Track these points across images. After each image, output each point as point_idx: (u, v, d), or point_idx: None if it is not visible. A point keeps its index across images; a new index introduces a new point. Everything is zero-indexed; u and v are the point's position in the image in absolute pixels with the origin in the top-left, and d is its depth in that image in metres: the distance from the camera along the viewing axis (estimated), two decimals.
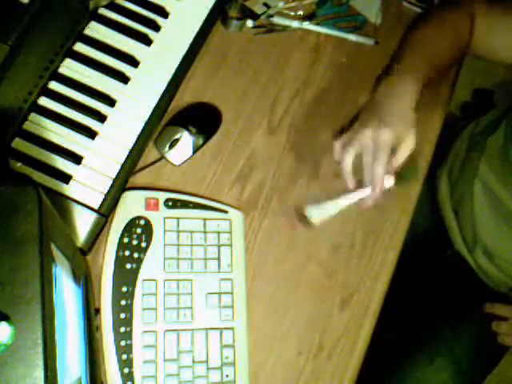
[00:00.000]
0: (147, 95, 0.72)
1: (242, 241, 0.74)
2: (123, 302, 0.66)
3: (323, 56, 0.85)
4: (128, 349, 0.65)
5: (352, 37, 0.87)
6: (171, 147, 0.73)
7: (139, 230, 0.69)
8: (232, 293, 0.71)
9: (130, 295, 0.67)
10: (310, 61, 0.85)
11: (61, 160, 0.67)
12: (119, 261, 0.67)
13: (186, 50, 0.75)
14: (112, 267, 0.67)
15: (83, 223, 0.65)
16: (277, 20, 0.84)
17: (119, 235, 0.68)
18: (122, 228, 0.68)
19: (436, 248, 1.04)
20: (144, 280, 0.68)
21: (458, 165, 0.98)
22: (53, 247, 0.41)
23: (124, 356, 0.65)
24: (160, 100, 0.72)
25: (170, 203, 0.71)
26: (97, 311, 0.65)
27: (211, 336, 0.69)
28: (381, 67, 0.80)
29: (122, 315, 0.66)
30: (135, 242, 0.68)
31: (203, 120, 0.77)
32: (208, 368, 0.68)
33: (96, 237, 0.66)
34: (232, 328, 0.70)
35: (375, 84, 0.79)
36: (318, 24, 0.86)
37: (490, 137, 0.91)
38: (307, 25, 0.85)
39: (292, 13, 0.86)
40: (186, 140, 0.73)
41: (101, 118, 0.70)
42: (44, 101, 0.69)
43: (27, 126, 0.67)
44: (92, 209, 0.66)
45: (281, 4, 0.85)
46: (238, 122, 0.79)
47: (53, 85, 0.69)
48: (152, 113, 0.72)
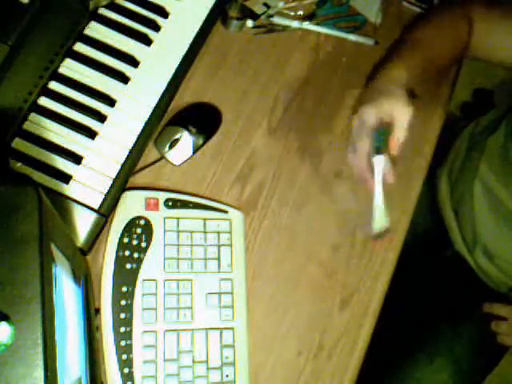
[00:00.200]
0: (147, 95, 0.72)
1: (242, 241, 0.74)
2: (123, 302, 0.66)
3: (323, 56, 0.85)
4: (128, 349, 0.65)
5: (352, 37, 0.87)
6: (171, 147, 0.73)
7: (139, 230, 0.69)
8: (232, 293, 0.71)
9: (130, 295, 0.67)
10: (310, 61, 0.85)
11: (61, 160, 0.67)
12: (119, 261, 0.67)
13: (186, 50, 0.75)
14: (112, 267, 0.67)
15: (83, 223, 0.65)
16: (277, 20, 0.84)
17: (119, 235, 0.68)
18: (122, 228, 0.68)
19: (436, 248, 1.04)
20: (144, 280, 0.68)
21: (458, 165, 0.98)
22: (53, 247, 0.41)
23: (124, 356, 0.65)
24: (160, 100, 0.72)
25: (170, 203, 0.71)
26: (97, 311, 0.65)
27: (211, 336, 0.69)
28: None
29: (122, 315, 0.66)
30: (135, 242, 0.68)
31: (203, 120, 0.77)
32: (208, 368, 0.68)
33: (96, 237, 0.66)
34: (232, 328, 0.70)
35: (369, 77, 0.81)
36: (318, 24, 0.86)
37: (490, 137, 0.91)
38: (307, 25, 0.85)
39: (292, 13, 0.86)
40: (186, 140, 0.73)
41: (101, 118, 0.70)
42: (44, 101, 0.69)
43: (27, 126, 0.67)
44: (92, 209, 0.66)
45: (281, 4, 0.85)
46: (238, 122, 0.79)
47: (53, 85, 0.69)
48: (152, 113, 0.72)
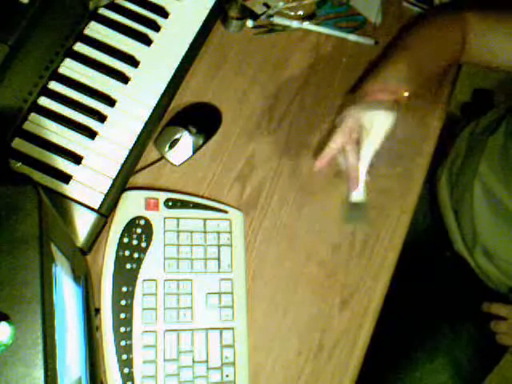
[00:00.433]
0: (147, 95, 0.72)
1: (242, 241, 0.74)
2: (123, 302, 0.66)
3: (323, 56, 0.85)
4: (128, 349, 0.65)
5: (352, 37, 0.87)
6: (171, 147, 0.73)
7: (139, 230, 0.69)
8: (232, 293, 0.71)
9: (130, 295, 0.67)
10: (310, 61, 0.85)
11: (61, 160, 0.67)
12: (119, 261, 0.67)
13: (186, 50, 0.75)
14: (112, 267, 0.67)
15: (83, 223, 0.65)
16: (277, 20, 0.84)
17: (119, 235, 0.68)
18: (122, 228, 0.68)
19: (436, 248, 1.04)
20: (144, 280, 0.68)
21: (458, 165, 0.98)
22: (53, 247, 0.41)
23: (124, 356, 0.65)
24: (160, 100, 0.72)
25: (170, 203, 0.71)
26: (97, 311, 0.65)
27: (211, 336, 0.69)
28: None
29: (122, 315, 0.66)
30: (135, 242, 0.68)
31: (203, 120, 0.76)
32: (208, 368, 0.68)
33: (96, 237, 0.66)
34: (232, 328, 0.70)
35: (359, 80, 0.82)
36: (318, 24, 0.86)
37: (490, 137, 0.91)
38: (307, 25, 0.85)
39: (292, 13, 0.86)
40: (186, 140, 0.73)
41: (101, 118, 0.70)
42: (44, 101, 0.69)
43: (27, 126, 0.67)
44: (92, 209, 0.66)
45: (281, 4, 0.85)
46: (238, 122, 0.79)
47: (53, 85, 0.70)
48: (152, 113, 0.72)
